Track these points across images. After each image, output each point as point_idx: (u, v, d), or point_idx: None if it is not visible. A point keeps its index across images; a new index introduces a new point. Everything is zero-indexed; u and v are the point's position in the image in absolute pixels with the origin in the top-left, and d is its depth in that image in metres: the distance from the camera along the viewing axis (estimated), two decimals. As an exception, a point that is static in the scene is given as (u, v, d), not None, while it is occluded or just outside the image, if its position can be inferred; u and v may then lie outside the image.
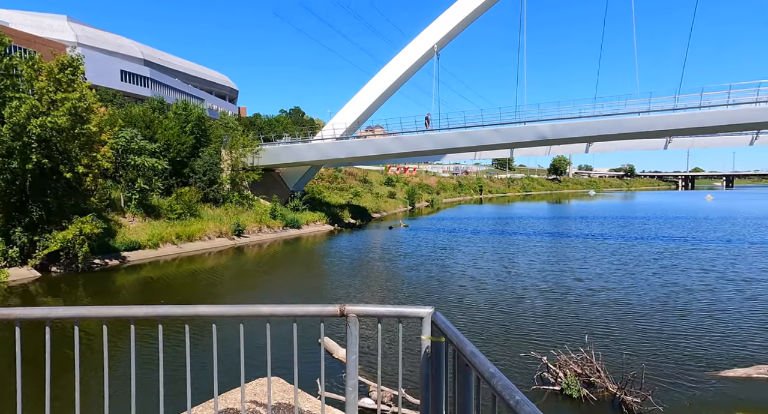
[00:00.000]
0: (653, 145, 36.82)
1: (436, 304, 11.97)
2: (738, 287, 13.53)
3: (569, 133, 25.41)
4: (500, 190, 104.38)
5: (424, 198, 64.84)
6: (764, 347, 8.87)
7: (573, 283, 14.49)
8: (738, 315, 10.91)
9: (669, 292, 13.06)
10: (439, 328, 2.15)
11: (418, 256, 20.36)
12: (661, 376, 7.54)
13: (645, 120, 23.78)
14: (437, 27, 29.88)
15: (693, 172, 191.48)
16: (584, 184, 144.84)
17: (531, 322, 10.57)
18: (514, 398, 1.27)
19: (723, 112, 22.42)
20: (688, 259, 18.49)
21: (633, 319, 10.75)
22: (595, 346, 8.49)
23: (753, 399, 6.76)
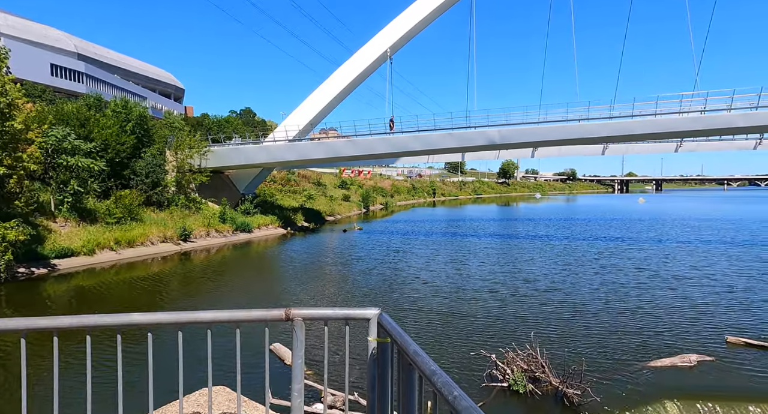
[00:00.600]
0: (592, 150, 39.16)
1: (389, 307, 12.04)
2: (669, 284, 14.61)
3: (516, 138, 26.50)
4: (452, 193, 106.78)
5: (379, 201, 65.16)
6: (688, 338, 9.64)
7: (521, 284, 15.05)
8: (667, 310, 11.78)
9: (608, 291, 13.89)
10: (385, 330, 2.16)
11: (371, 259, 20.36)
12: (599, 368, 8.00)
13: (584, 127, 25.28)
14: (390, 31, 30.20)
15: (627, 177, 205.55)
16: (531, 188, 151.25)
17: (482, 323, 10.87)
18: (452, 394, 1.30)
19: (651, 121, 24.28)
20: (625, 258, 19.76)
21: (575, 316, 11.32)
22: (541, 343, 8.87)
23: (678, 385, 7.33)
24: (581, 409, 6.63)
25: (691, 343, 9.23)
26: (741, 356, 8.54)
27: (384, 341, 2.19)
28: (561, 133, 25.75)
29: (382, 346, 2.20)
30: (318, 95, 31.38)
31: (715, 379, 7.56)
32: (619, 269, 17.17)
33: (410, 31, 30.00)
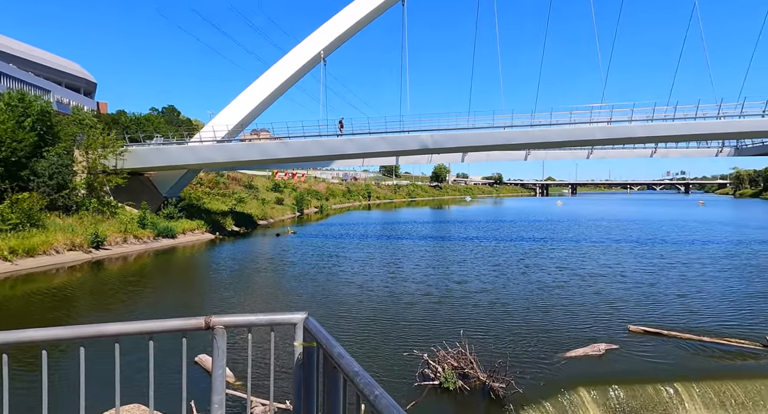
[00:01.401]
0: (516, 156, 41.67)
1: (322, 313, 11.88)
2: (585, 281, 15.86)
3: (448, 143, 27.50)
4: (387, 196, 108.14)
5: (313, 204, 64.26)
6: (599, 329, 10.55)
7: (453, 285, 15.56)
8: (582, 304, 12.81)
9: (532, 289, 14.80)
10: (311, 334, 2.12)
11: (304, 264, 19.98)
12: (522, 361, 8.49)
13: (509, 134, 26.86)
14: (323, 33, 29.99)
15: (547, 181, 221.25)
16: (462, 191, 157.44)
17: (416, 324, 11.08)
18: (373, 393, 1.31)
19: (566, 130, 26.41)
20: (547, 258, 21.17)
21: (502, 313, 11.93)
22: (470, 340, 9.22)
23: (589, 372, 7.99)
24: (506, 401, 6.99)
25: (601, 333, 10.11)
26: (641, 343, 9.50)
27: (310, 346, 2.15)
28: (488, 139, 27.15)
29: (308, 350, 2.16)
30: (248, 95, 30.30)
31: (620, 364, 8.34)
32: (541, 268, 18.35)
33: (344, 33, 30.03)
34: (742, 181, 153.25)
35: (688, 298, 13.27)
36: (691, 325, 10.57)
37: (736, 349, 9.01)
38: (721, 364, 8.41)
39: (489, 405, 6.99)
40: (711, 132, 26.98)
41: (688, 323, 10.78)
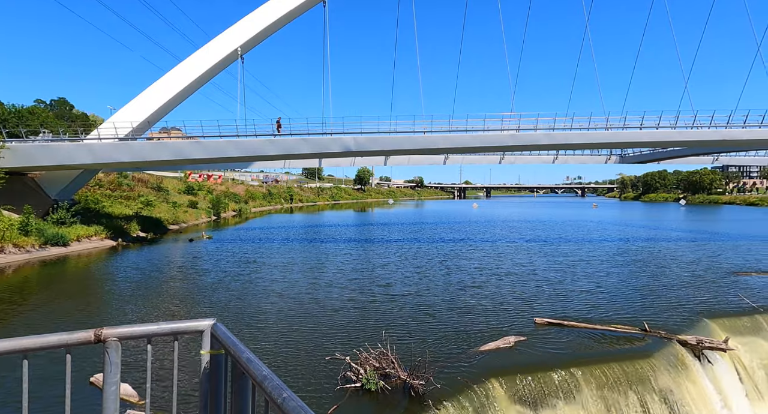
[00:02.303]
0: (436, 160, 43.40)
1: (237, 323, 11.31)
2: (501, 280, 16.86)
3: (370, 146, 27.79)
4: (310, 199, 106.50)
5: (231, 207, 61.25)
6: (510, 323, 11.29)
7: (376, 289, 15.70)
8: (497, 301, 13.64)
9: (452, 289, 15.42)
10: (218, 341, 1.99)
11: (219, 271, 18.88)
12: (441, 358, 8.80)
13: (428, 139, 27.87)
14: (241, 29, 28.72)
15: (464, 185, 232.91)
16: (385, 194, 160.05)
17: (339, 328, 10.98)
18: (281, 396, 1.26)
19: (480, 136, 28.06)
20: (467, 259, 22.16)
21: (423, 313, 12.28)
22: (392, 340, 9.38)
23: (501, 364, 8.51)
24: (425, 397, 7.19)
25: (512, 327, 10.84)
26: (545, 333, 10.35)
27: (218, 353, 2.02)
28: (409, 143, 27.93)
29: (215, 358, 2.02)
30: (157, 90, 28.04)
31: (527, 355, 9.00)
32: (461, 269, 19.19)
33: (263, 31, 29.01)
34: (625, 186, 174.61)
35: (585, 291, 14.74)
36: (586, 315, 11.74)
37: (621, 334, 10.16)
38: (609, 349, 9.43)
39: (409, 403, 7.13)
40: (600, 141, 30.35)
41: (584, 313, 11.96)
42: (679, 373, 8.82)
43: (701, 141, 31.60)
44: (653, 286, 15.41)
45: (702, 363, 9.32)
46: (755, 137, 30.18)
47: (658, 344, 9.51)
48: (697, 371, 9.09)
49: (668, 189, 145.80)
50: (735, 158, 51.30)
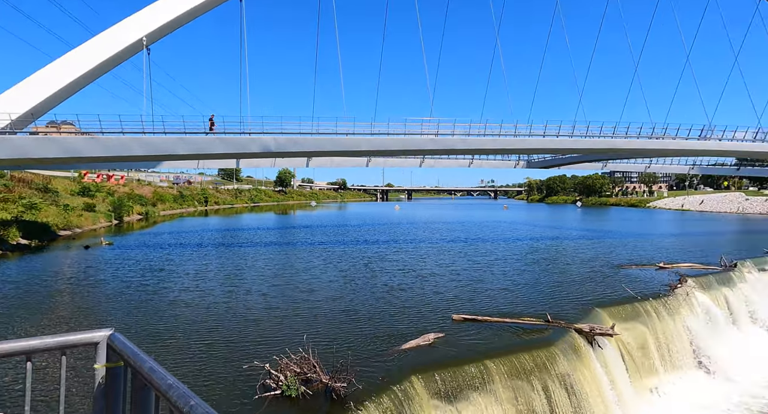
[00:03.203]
0: (359, 162, 43.71)
1: (143, 339, 10.40)
2: (424, 280, 17.23)
3: (292, 147, 27.18)
4: (227, 201, 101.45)
5: (137, 210, 56.24)
6: (430, 321, 11.70)
7: (299, 294, 15.35)
8: (418, 300, 14.04)
9: (375, 291, 15.55)
10: (117, 352, 1.82)
11: (120, 281, 17.06)
12: (363, 359, 8.86)
13: (351, 140, 27.97)
14: (145, 17, 26.36)
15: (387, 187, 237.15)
16: (307, 196, 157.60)
17: (259, 337, 10.53)
18: (188, 404, 1.19)
19: (402, 139, 28.84)
20: (390, 261, 22.39)
21: (347, 316, 12.25)
22: (314, 344, 9.23)
23: (421, 362, 8.78)
24: (347, 399, 7.19)
25: (432, 325, 11.23)
26: (462, 329, 10.88)
27: (116, 366, 1.84)
28: (332, 144, 27.79)
29: (112, 372, 1.84)
30: (44, 77, 24.75)
31: (446, 350, 9.40)
32: (385, 271, 19.41)
33: (172, 21, 26.91)
34: (532, 189, 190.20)
35: (498, 287, 15.76)
36: (499, 309, 12.57)
37: (528, 326, 11.03)
38: (517, 340, 10.19)
39: (331, 406, 7.08)
40: (510, 147, 32.78)
41: (497, 308, 12.79)
42: (576, 358, 9.79)
43: (592, 149, 35.44)
44: (555, 281, 16.95)
45: (594, 348, 10.43)
46: (633, 146, 34.59)
47: (558, 333, 10.46)
48: (590, 356, 10.16)
49: (567, 192, 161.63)
50: (619, 165, 58.32)
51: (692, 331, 13.49)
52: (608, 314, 12.31)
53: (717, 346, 13.85)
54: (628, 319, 12.46)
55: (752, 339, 15.61)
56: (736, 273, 18.63)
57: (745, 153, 44.29)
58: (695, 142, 36.68)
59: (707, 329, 14.25)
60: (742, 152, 43.41)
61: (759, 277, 19.55)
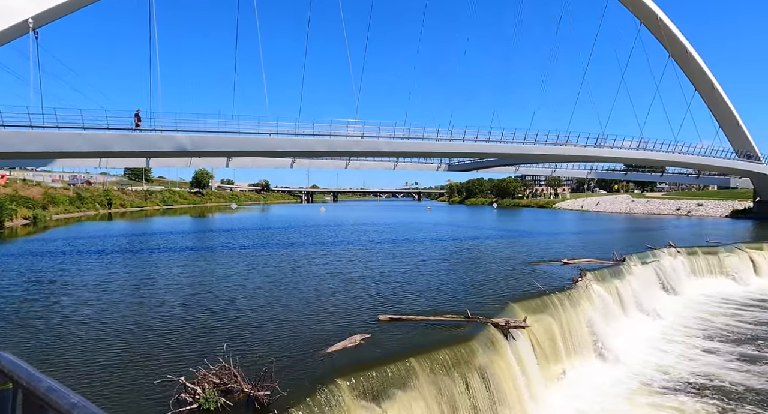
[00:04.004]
0: (282, 163, 42.62)
1: (32, 359, 9.19)
2: (353, 283, 17.18)
3: (209, 147, 25.75)
4: (136, 203, 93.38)
5: (22, 214, 49.72)
6: (357, 322, 11.73)
7: (219, 301, 14.54)
8: (344, 302, 13.99)
9: (303, 296, 15.21)
10: (5, 373, 1.60)
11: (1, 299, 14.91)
12: (288, 365, 8.65)
13: (274, 141, 27.21)
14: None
15: (312, 189, 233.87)
16: (227, 198, 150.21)
17: (174, 350, 9.76)
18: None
19: (327, 140, 28.66)
20: (317, 264, 21.98)
21: (272, 322, 11.83)
22: (235, 353, 8.83)
23: (347, 363, 8.76)
24: (271, 407, 6.97)
25: (358, 326, 11.27)
26: (388, 329, 11.06)
27: (4, 388, 1.61)
28: (254, 144, 26.80)
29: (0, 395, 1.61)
30: None
31: (372, 351, 9.49)
32: (313, 274, 19.00)
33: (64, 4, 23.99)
34: (453, 191, 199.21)
35: (422, 287, 16.25)
36: (423, 308, 12.97)
37: (450, 323, 11.53)
38: (440, 336, 10.60)
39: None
40: (432, 150, 34.06)
41: (421, 306, 13.19)
42: (493, 350, 10.43)
43: (506, 154, 38.03)
44: (475, 278, 17.91)
45: (508, 340, 11.19)
46: (541, 152, 37.74)
47: (477, 328, 11.06)
48: (506, 347, 10.88)
49: (485, 194, 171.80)
50: (530, 169, 63.28)
51: (591, 320, 15.03)
52: (521, 308, 13.27)
53: (610, 332, 15.57)
54: (538, 312, 13.54)
55: (638, 324, 17.79)
56: (624, 266, 21.09)
57: (630, 160, 50.46)
58: (592, 149, 41.02)
59: (602, 318, 15.96)
60: (628, 159, 49.39)
61: (642, 269, 22.32)
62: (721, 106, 59.32)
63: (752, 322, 18.84)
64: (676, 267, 24.69)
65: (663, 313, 19.42)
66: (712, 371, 13.54)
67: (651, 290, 21.37)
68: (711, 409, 11.18)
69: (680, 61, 56.19)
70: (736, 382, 12.77)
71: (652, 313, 19.14)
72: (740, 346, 15.84)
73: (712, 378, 13.04)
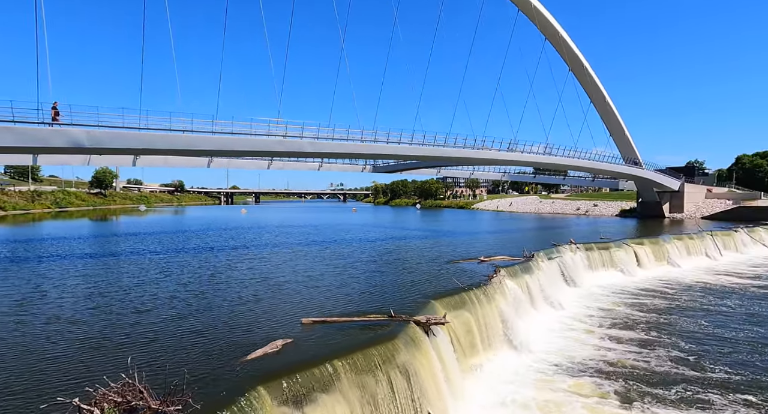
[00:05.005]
0: (199, 162, 40.07)
1: None
2: (277, 287, 16.60)
3: (112, 143, 23.44)
4: (21, 206, 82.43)
5: None
6: (279, 327, 11.37)
7: (126, 314, 13.26)
8: (266, 308, 13.47)
9: (222, 303, 14.37)
10: None
11: None
12: (203, 376, 8.12)
13: (189, 138, 25.51)
14: None
15: (232, 189, 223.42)
16: (135, 199, 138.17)
17: (68, 371, 8.67)
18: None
19: (248, 139, 27.53)
20: (239, 269, 20.87)
21: (188, 333, 11.03)
22: (143, 368, 8.11)
23: (268, 370, 8.46)
24: (182, 423, 6.50)
25: (280, 331, 10.93)
26: (311, 332, 10.87)
27: None
28: (164, 142, 24.90)
29: None
30: None
31: (294, 355, 9.25)
32: (234, 280, 18.03)
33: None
34: (378, 192, 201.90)
35: (348, 288, 16.20)
36: (348, 310, 12.93)
37: (374, 323, 11.62)
38: (364, 337, 10.64)
39: (162, 435, 6.30)
40: (356, 152, 34.21)
41: (346, 308, 13.14)
42: (414, 348, 10.70)
43: (428, 156, 39.37)
44: (399, 278, 18.27)
45: (429, 337, 11.56)
46: (460, 155, 39.65)
47: (400, 327, 11.28)
48: (427, 344, 11.22)
49: (409, 195, 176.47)
50: (450, 171, 66.08)
51: (504, 314, 16.05)
52: (441, 305, 13.79)
53: (521, 324, 16.77)
54: (457, 308, 14.17)
55: (544, 316, 19.37)
56: (533, 262, 22.86)
57: (538, 163, 54.91)
58: (505, 153, 43.97)
59: (514, 311, 17.14)
60: (536, 163, 53.70)
61: (548, 264, 24.36)
62: (611, 117, 66.89)
63: (640, 309, 21.43)
64: (576, 261, 27.30)
65: (565, 304, 21.35)
66: (608, 354, 15.15)
67: (555, 284, 23.40)
68: (610, 388, 12.50)
69: (578, 76, 62.43)
70: (630, 363, 14.42)
71: (557, 304, 20.96)
72: (632, 330, 17.92)
73: (610, 360, 14.59)
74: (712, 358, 14.72)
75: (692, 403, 11.62)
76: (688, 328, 18.25)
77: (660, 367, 13.98)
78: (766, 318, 19.74)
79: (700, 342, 16.38)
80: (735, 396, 11.96)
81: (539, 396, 11.99)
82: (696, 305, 22.16)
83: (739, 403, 11.57)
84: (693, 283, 27.55)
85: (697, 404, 11.57)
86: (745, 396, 11.93)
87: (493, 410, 11.35)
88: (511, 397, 11.96)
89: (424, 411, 9.84)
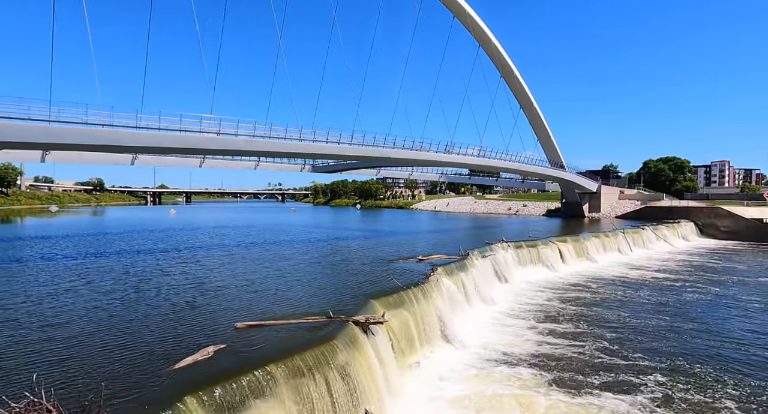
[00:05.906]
0: (120, 159, 37.12)
1: None
2: (210, 291, 15.81)
3: (12, 136, 21.02)
4: None
5: None
6: (211, 333, 10.83)
7: (35, 325, 11.97)
8: (201, 314, 12.74)
9: (149, 311, 13.38)
10: None
11: None
12: (124, 388, 7.52)
13: (109, 133, 23.56)
14: None
15: (160, 189, 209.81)
16: (44, 199, 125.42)
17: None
18: None
19: (178, 136, 25.96)
20: (170, 274, 19.61)
21: (108, 344, 10.14)
22: (54, 384, 7.36)
23: (199, 378, 8.03)
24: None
25: (213, 337, 10.41)
26: (246, 337, 10.47)
27: None
28: (79, 136, 22.80)
29: None
30: None
31: (227, 362, 8.86)
32: (164, 285, 16.89)
33: None
34: (318, 192, 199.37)
35: (286, 290, 15.80)
36: (284, 312, 12.61)
37: (312, 324, 11.45)
38: (301, 339, 10.44)
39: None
40: (294, 151, 33.52)
41: (283, 311, 12.81)
42: (353, 348, 10.68)
43: (367, 156, 39.56)
44: (338, 278, 18.15)
45: (368, 336, 11.60)
46: (399, 156, 40.27)
47: (338, 327, 11.20)
48: (365, 344, 11.26)
49: (349, 195, 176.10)
50: (390, 172, 66.90)
51: (440, 311, 16.53)
52: (380, 304, 13.89)
53: (456, 320, 17.37)
54: (396, 307, 14.36)
55: (479, 312, 20.21)
56: (468, 261, 23.76)
57: (473, 165, 57.22)
58: (442, 155, 45.31)
59: (450, 308, 17.70)
60: (471, 164, 55.92)
61: (482, 262, 25.45)
62: (539, 121, 71.36)
63: (565, 302, 23.04)
64: (507, 259, 28.79)
65: (498, 299, 22.43)
66: (539, 347, 16.11)
67: (488, 280, 24.50)
68: (541, 379, 13.29)
69: (509, 82, 65.92)
70: (558, 352, 15.43)
71: (489, 300, 21.96)
72: (559, 323, 19.21)
73: (540, 352, 15.51)
74: (632, 346, 16.18)
75: (615, 386, 12.72)
76: (608, 318, 19.93)
77: (585, 356, 15.11)
78: (672, 307, 22.10)
79: (619, 331, 17.95)
80: (649, 377, 13.30)
81: (472, 389, 12.47)
82: (614, 297, 24.28)
83: (654, 383, 12.87)
84: (610, 276, 30.18)
85: (622, 386, 12.69)
86: (657, 377, 13.30)
87: (430, 404, 11.64)
88: (447, 391, 12.33)
89: (362, 410, 9.86)
